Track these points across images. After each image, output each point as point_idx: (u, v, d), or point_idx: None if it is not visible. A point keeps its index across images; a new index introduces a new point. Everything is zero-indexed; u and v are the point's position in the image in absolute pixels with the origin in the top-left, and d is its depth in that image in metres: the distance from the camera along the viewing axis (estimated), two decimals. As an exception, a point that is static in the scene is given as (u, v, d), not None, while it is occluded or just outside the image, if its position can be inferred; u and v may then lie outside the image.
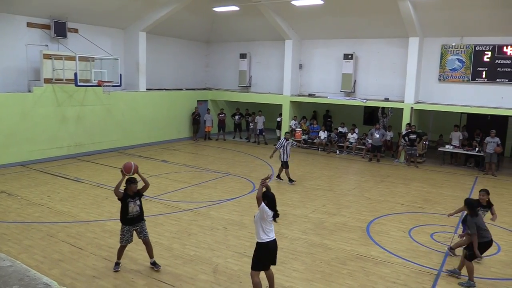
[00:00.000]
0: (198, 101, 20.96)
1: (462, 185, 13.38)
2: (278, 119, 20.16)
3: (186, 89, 20.90)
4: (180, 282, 6.59)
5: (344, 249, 8.05)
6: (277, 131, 20.31)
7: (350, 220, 9.71)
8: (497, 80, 16.06)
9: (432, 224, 9.60)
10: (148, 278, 6.68)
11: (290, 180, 12.77)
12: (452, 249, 7.95)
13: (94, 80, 14.79)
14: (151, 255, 7.02)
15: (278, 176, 13.12)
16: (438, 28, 16.42)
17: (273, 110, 21.01)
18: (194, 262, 7.26)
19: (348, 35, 18.45)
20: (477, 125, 17.74)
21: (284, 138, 13.12)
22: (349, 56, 18.29)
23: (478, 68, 16.37)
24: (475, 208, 7.02)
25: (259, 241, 5.94)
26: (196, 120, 20.31)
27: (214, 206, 10.40)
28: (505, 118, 17.96)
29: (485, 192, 7.68)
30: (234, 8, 17.71)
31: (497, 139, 14.95)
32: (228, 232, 8.67)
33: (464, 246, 7.27)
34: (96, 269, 6.94)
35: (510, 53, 15.77)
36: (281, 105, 19.87)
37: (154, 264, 6.99)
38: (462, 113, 18.31)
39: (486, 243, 6.87)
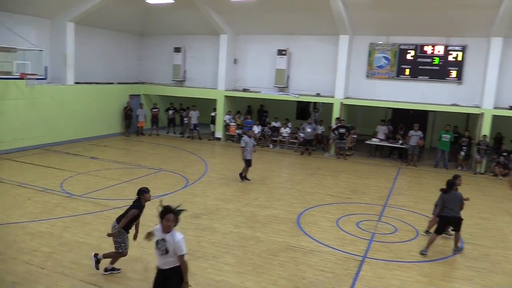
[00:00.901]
0: (130, 95, 20.34)
1: (386, 176, 14.18)
2: (213, 114, 20.10)
3: (118, 83, 20.21)
4: (109, 283, 6.41)
5: (275, 240, 8.24)
6: (212, 125, 20.25)
7: (282, 212, 9.95)
8: (419, 77, 17.15)
9: (358, 213, 10.09)
10: (74, 280, 6.42)
11: (245, 179, 12.55)
12: (427, 232, 8.81)
13: (16, 73, 13.86)
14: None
15: (245, 177, 12.72)
16: (366, 27, 17.20)
17: (208, 105, 20.91)
18: (123, 262, 7.08)
19: (282, 31, 18.78)
20: (401, 119, 18.86)
21: (247, 135, 12.76)
22: (283, 52, 18.63)
23: (402, 66, 17.37)
24: (450, 186, 7.98)
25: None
26: (128, 115, 19.72)
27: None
28: (425, 112, 19.28)
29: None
30: (169, 0, 17.35)
31: (420, 133, 16.01)
32: (160, 229, 8.53)
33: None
34: (16, 274, 6.54)
35: (430, 52, 16.91)
36: (215, 100, 19.83)
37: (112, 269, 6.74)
38: (388, 108, 19.34)
39: (449, 218, 7.86)
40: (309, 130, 17.02)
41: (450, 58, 16.66)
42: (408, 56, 17.22)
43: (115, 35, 20.36)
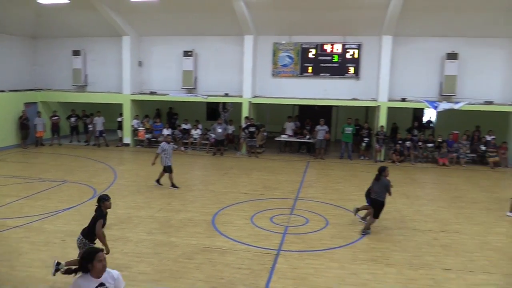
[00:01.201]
0: (25, 103, 18.71)
1: (296, 170, 14.72)
2: (119, 119, 19.27)
3: (10, 91, 18.50)
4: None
5: (191, 244, 8.13)
6: (119, 131, 19.43)
7: (196, 214, 9.85)
8: (321, 74, 18.02)
9: (272, 209, 10.33)
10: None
11: (173, 186, 12.05)
12: (362, 217, 9.52)
13: None
14: None
15: (158, 181, 12.25)
16: (270, 27, 17.65)
17: (113, 110, 20.00)
18: (25, 285, 6.51)
19: (187, 33, 18.55)
20: (307, 115, 19.68)
21: (165, 141, 12.24)
22: (189, 53, 18.44)
23: (305, 64, 18.11)
24: (379, 174, 8.87)
25: None
26: (24, 125, 18.13)
27: (48, 219, 9.45)
28: (329, 107, 20.35)
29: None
30: (63, 0, 16.21)
31: (325, 127, 16.85)
32: (66, 245, 7.96)
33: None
34: None
35: (330, 51, 17.86)
36: (121, 105, 19.04)
37: None
38: (294, 104, 20.07)
39: (372, 199, 8.81)
40: (219, 130, 17.08)
41: (348, 55, 17.74)
42: (310, 55, 18.00)
43: (3, 38, 18.61)
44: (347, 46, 17.70)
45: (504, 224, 9.73)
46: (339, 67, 17.84)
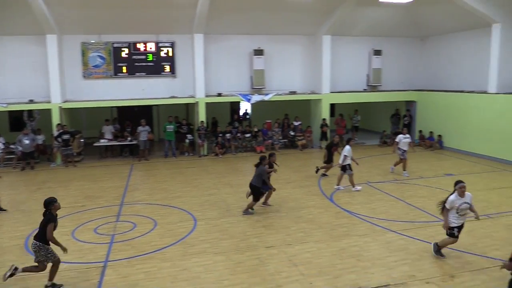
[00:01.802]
0: None
1: (120, 175, 14.09)
2: None
3: None
4: None
5: (-1, 274, 7.04)
6: None
7: (4, 240, 8.58)
8: (136, 74, 17.57)
9: (95, 219, 9.67)
10: None
11: None
12: (264, 203, 10.37)
13: None
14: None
15: None
16: (75, 25, 16.34)
17: None
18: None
19: None
20: (127, 116, 19.00)
21: None
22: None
23: (118, 64, 17.40)
24: (259, 162, 9.81)
25: None
26: None
27: None
28: (149, 107, 20.03)
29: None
30: None
31: (147, 127, 16.51)
32: None
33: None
34: None
35: (143, 49, 17.52)
36: None
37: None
38: (112, 107, 19.13)
39: (255, 187, 9.72)
40: (27, 141, 15.12)
41: (162, 54, 17.71)
42: (123, 54, 17.38)
43: None
44: (160, 44, 17.64)
45: (314, 198, 11.08)
46: (155, 66, 17.68)
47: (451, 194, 7.20)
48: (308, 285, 6.48)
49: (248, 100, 17.83)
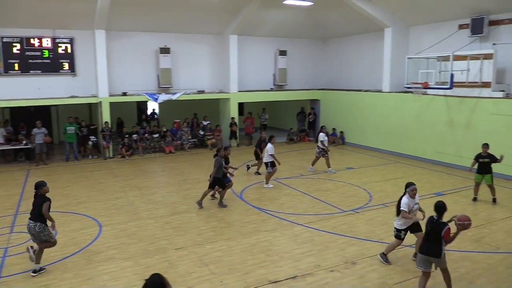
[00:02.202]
0: None
1: (15, 181, 12.94)
2: None
3: None
4: None
5: None
6: None
7: None
8: (31, 71, 16.23)
9: (-16, 232, 8.77)
10: None
11: None
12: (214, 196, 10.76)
13: None
14: None
15: None
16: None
17: None
18: None
19: None
20: (22, 118, 17.42)
21: None
22: None
23: (9, 61, 15.94)
24: (216, 153, 10.36)
25: None
26: None
27: None
28: (47, 107, 18.61)
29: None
30: None
31: (44, 129, 15.30)
32: None
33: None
34: None
35: (38, 45, 16.23)
36: None
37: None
38: (3, 107, 17.46)
39: (216, 178, 10.12)
40: None
41: (60, 50, 16.57)
42: (15, 50, 15.93)
43: None
44: (58, 40, 16.49)
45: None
46: (52, 63, 16.49)
47: (402, 196, 6.90)
48: (219, 284, 6.51)
49: (155, 100, 17.39)
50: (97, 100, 16.58)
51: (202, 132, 18.85)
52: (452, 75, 13.02)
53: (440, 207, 5.89)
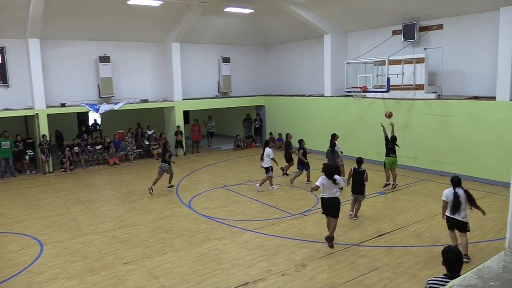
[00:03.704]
0: None
1: None
2: None
3: None
4: None
5: None
6: None
7: None
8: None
9: None
10: None
11: None
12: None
13: None
14: None
15: None
16: None
17: None
18: None
19: None
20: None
21: None
22: None
23: None
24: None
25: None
26: None
27: None
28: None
29: None
30: None
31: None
32: None
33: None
34: None
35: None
36: None
37: None
38: None
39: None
40: None
41: (-10, 60, 15.61)
42: None
43: None
44: (-13, 50, 15.52)
45: (172, 207, 10.96)
46: (-19, 74, 15.49)
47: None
48: (170, 296, 6.38)
49: (96, 110, 16.81)
50: (33, 112, 15.75)
51: (147, 142, 18.44)
52: (388, 79, 13.67)
53: (359, 162, 9.69)
